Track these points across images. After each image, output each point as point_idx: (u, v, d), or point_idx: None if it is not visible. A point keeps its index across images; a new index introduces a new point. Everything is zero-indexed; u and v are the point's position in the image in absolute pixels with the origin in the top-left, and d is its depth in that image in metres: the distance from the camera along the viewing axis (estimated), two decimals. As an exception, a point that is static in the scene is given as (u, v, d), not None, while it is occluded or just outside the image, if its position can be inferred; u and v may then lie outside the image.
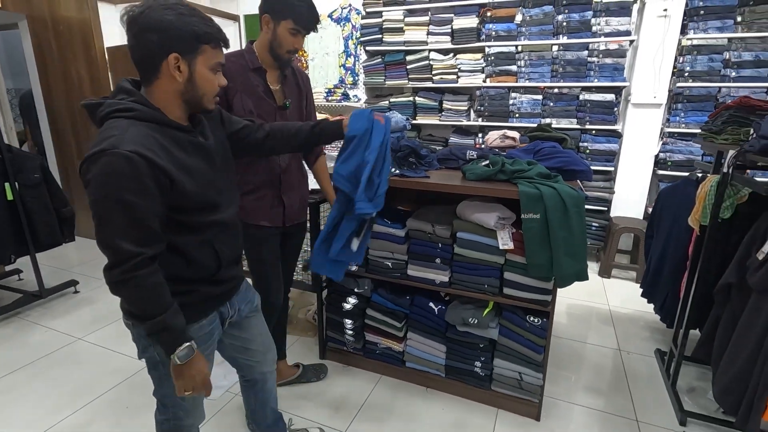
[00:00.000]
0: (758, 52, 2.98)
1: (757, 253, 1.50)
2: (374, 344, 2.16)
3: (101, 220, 0.91)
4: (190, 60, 0.98)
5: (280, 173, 1.69)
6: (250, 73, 1.58)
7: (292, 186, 1.76)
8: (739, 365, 1.53)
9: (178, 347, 1.00)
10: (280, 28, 1.53)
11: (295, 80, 1.73)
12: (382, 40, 3.90)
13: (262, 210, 1.68)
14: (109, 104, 0.97)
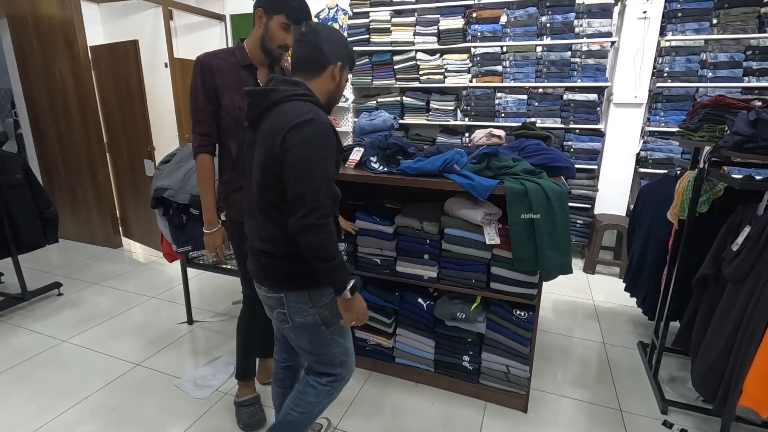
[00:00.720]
0: (733, 54, 3.08)
1: (732, 245, 1.56)
2: (364, 341, 2.17)
3: (305, 174, 1.09)
4: (344, 71, 1.27)
5: None
6: (240, 70, 1.58)
7: None
8: (716, 353, 1.59)
9: (349, 282, 1.17)
10: (272, 23, 1.53)
11: (281, 72, 1.73)
12: (369, 40, 3.93)
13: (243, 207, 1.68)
14: (287, 90, 1.17)
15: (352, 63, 1.31)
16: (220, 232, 1.68)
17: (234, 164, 1.64)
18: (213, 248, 1.70)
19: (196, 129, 1.59)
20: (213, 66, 1.54)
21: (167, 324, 2.63)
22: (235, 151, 1.62)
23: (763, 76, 3.04)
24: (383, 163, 1.98)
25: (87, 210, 4.01)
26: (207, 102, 1.55)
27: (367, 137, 2.45)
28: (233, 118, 1.57)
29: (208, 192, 1.64)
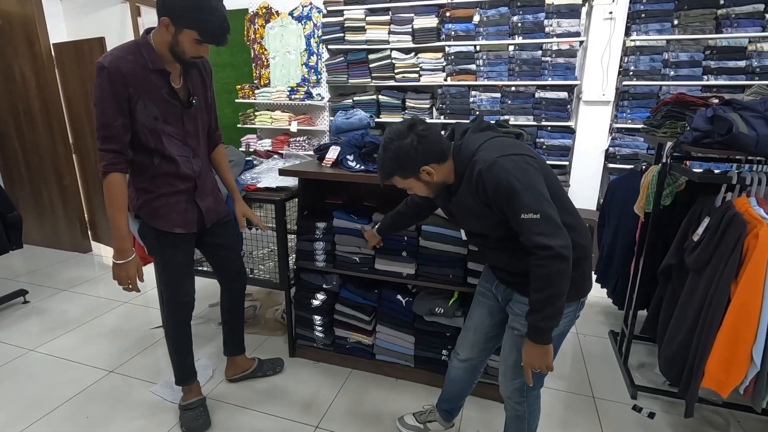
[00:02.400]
0: (693, 53, 3.22)
1: (693, 235, 1.64)
2: (344, 339, 2.18)
3: (539, 204, 1.09)
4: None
5: (195, 177, 1.60)
6: (150, 74, 1.41)
7: (206, 187, 1.68)
8: (680, 339, 1.67)
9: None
10: (182, 36, 1.34)
11: (198, 71, 1.58)
12: (344, 38, 3.92)
13: (176, 215, 1.59)
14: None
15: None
16: (134, 262, 1.49)
17: (156, 173, 1.52)
18: (125, 280, 1.48)
19: (104, 145, 1.39)
20: (124, 73, 1.35)
21: (141, 329, 2.57)
22: (159, 161, 1.50)
23: (720, 74, 3.19)
24: (360, 162, 1.98)
25: (53, 214, 3.86)
26: (119, 115, 1.38)
27: (343, 136, 2.45)
28: (149, 128, 1.44)
29: (120, 216, 1.44)
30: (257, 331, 2.54)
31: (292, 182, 2.18)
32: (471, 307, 1.55)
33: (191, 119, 1.56)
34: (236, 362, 2.08)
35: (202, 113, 1.63)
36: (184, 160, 1.56)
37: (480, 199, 1.16)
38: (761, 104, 1.53)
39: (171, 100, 1.49)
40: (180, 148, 1.54)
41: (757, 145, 1.43)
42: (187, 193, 1.60)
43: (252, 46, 4.35)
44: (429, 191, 1.27)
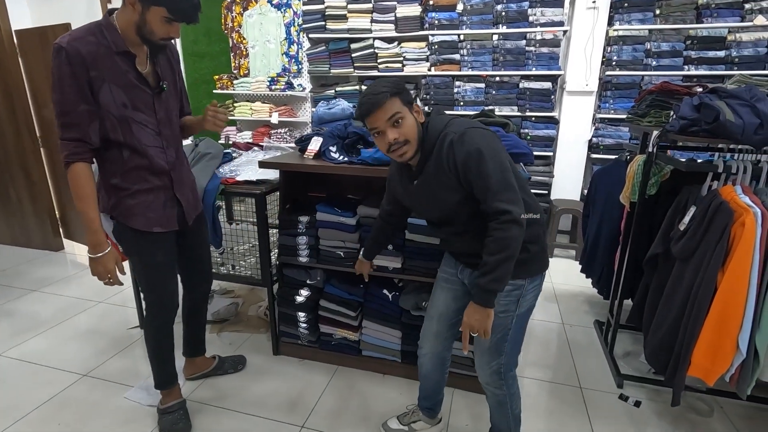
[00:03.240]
0: (674, 43, 3.24)
1: (679, 225, 1.64)
2: (329, 335, 2.13)
3: (502, 172, 1.15)
4: None
5: (170, 170, 1.49)
6: (115, 57, 1.30)
7: (183, 180, 1.57)
8: (666, 328, 1.67)
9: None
10: (150, 15, 1.26)
11: (165, 56, 1.47)
12: (325, 27, 3.82)
13: (154, 213, 1.47)
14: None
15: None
16: (111, 255, 1.41)
17: (126, 167, 1.41)
18: (105, 275, 1.41)
19: (66, 134, 1.29)
20: (84, 54, 1.24)
21: (117, 330, 2.46)
22: (128, 154, 1.39)
23: (701, 64, 3.22)
24: (343, 153, 1.92)
25: (21, 211, 3.68)
26: (81, 100, 1.26)
27: (325, 126, 2.37)
28: (117, 116, 1.33)
29: (90, 208, 1.35)
30: (240, 329, 2.46)
31: (273, 175, 2.10)
32: (432, 296, 1.53)
33: (162, 106, 1.45)
34: (195, 362, 2.02)
35: (173, 100, 1.52)
36: (157, 151, 1.44)
37: (450, 171, 1.19)
38: (747, 92, 1.52)
39: (140, 85, 1.37)
40: (152, 138, 1.43)
41: (743, 134, 1.42)
42: (164, 189, 1.49)
43: (230, 34, 4.20)
44: (414, 136, 1.21)
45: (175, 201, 1.53)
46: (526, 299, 1.32)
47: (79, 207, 1.36)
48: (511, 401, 1.44)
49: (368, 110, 1.17)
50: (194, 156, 2.11)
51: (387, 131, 1.18)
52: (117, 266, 1.44)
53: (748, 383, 1.45)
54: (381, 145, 1.23)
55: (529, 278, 1.30)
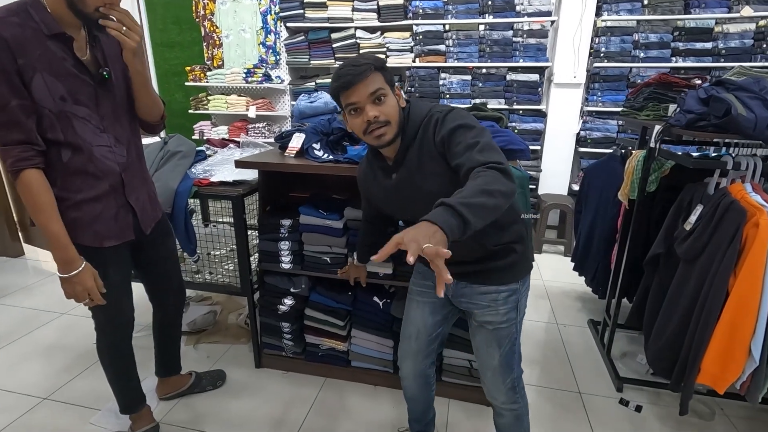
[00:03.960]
0: (662, 34, 3.19)
1: (685, 224, 1.56)
2: (316, 346, 1.99)
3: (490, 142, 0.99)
4: None
5: (121, 172, 1.28)
6: (48, 42, 1.09)
7: (137, 183, 1.36)
8: (670, 332, 1.60)
9: None
10: None
11: (107, 37, 1.23)
12: (304, 15, 3.62)
13: (103, 225, 1.27)
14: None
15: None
16: (87, 271, 1.21)
17: (67, 172, 1.20)
18: (83, 294, 1.22)
19: (6, 137, 1.09)
20: (8, 38, 1.03)
21: (83, 344, 2.26)
22: (69, 156, 1.18)
23: (688, 56, 3.18)
24: (328, 151, 1.77)
25: (-26, 214, 3.38)
26: (12, 94, 1.06)
27: (307, 121, 2.21)
28: (54, 112, 1.12)
29: (52, 221, 1.15)
30: (218, 339, 2.30)
31: (252, 175, 1.94)
32: (406, 313, 1.38)
33: (108, 98, 1.24)
34: (169, 381, 1.85)
35: (122, 91, 1.29)
36: (103, 150, 1.23)
37: (436, 153, 1.06)
38: (755, 84, 1.45)
39: (80, 75, 1.16)
40: (97, 136, 1.22)
41: (755, 128, 1.34)
42: (114, 193, 1.29)
43: (202, 23, 3.95)
44: (396, 118, 1.08)
45: (129, 208, 1.33)
46: (522, 303, 1.23)
47: (38, 221, 1.16)
48: (527, 410, 1.36)
49: (349, 82, 1.03)
50: (163, 155, 1.93)
51: (366, 108, 1.05)
52: (96, 282, 1.24)
53: (761, 390, 1.39)
54: (357, 124, 1.08)
55: (521, 280, 1.20)
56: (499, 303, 1.19)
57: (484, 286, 1.19)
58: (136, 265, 1.50)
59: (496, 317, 1.20)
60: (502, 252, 1.16)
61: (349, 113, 1.09)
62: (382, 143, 1.09)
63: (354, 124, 1.10)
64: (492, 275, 1.18)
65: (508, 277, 1.18)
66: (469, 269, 1.18)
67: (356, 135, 1.13)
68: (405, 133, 1.11)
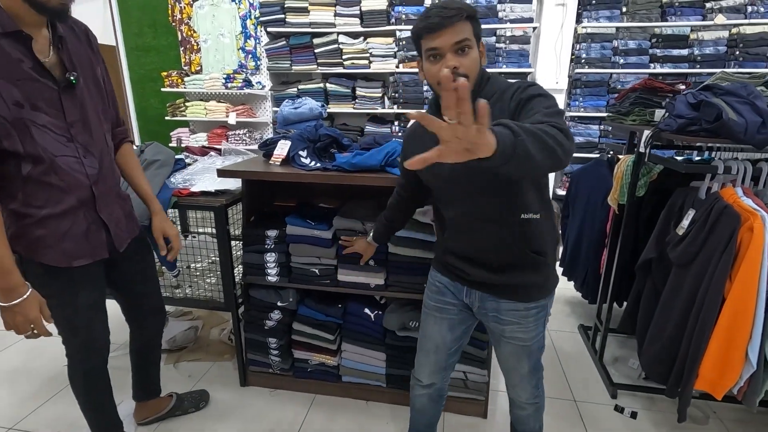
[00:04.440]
0: (640, 41, 3.25)
1: (677, 229, 1.56)
2: (304, 361, 1.91)
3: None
4: None
5: (91, 184, 1.18)
6: (2, 41, 1.00)
7: (110, 197, 1.26)
8: (665, 337, 1.59)
9: None
10: None
11: (75, 37, 1.16)
12: (285, 20, 3.55)
13: (72, 242, 1.17)
14: None
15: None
16: (32, 299, 1.09)
17: (28, 185, 1.09)
18: (26, 326, 1.10)
19: None
20: None
21: (52, 367, 2.11)
22: (29, 168, 1.08)
23: (665, 62, 3.25)
24: (315, 158, 1.71)
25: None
26: None
27: (292, 128, 2.15)
28: (9, 119, 1.02)
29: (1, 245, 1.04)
30: (200, 357, 2.18)
31: (235, 184, 1.85)
32: (423, 327, 1.34)
33: (76, 105, 1.14)
34: (147, 405, 1.73)
35: (94, 97, 1.20)
36: (70, 161, 1.13)
37: (507, 111, 0.98)
38: (743, 89, 1.46)
39: (40, 78, 1.06)
40: (62, 145, 1.11)
41: (746, 133, 1.35)
42: (84, 207, 1.18)
43: (179, 27, 3.84)
44: (475, 74, 1.01)
45: (101, 224, 1.23)
46: (548, 315, 1.22)
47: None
48: (544, 402, 1.36)
49: (437, 25, 0.96)
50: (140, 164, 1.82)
51: (448, 56, 0.98)
52: (42, 312, 1.12)
53: (758, 395, 1.39)
54: (432, 71, 1.01)
55: (549, 296, 1.18)
56: (529, 320, 1.16)
57: (513, 302, 1.15)
58: (110, 284, 1.39)
59: (526, 334, 1.17)
60: (535, 264, 1.12)
61: (427, 58, 1.02)
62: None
63: (429, 71, 1.02)
64: (521, 291, 1.14)
65: (538, 293, 1.15)
66: (499, 280, 1.13)
67: (428, 82, 1.06)
68: (480, 93, 1.05)
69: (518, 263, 1.12)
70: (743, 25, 3.07)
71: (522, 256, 1.10)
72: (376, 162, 1.56)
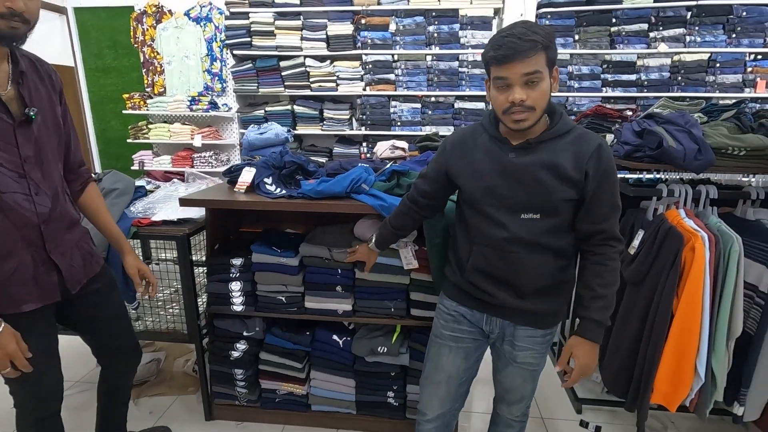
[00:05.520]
0: (592, 67, 3.45)
1: (629, 248, 1.64)
2: (272, 391, 1.87)
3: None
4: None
5: (40, 223, 1.12)
6: None
7: (62, 237, 1.20)
8: (623, 353, 1.66)
9: None
10: None
11: (37, 74, 1.14)
12: (251, 44, 3.56)
13: (19, 287, 1.10)
14: None
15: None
16: (8, 332, 1.04)
17: None
18: (5, 361, 1.04)
19: None
20: None
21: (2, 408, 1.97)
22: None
23: (616, 86, 3.45)
24: (280, 185, 1.71)
25: None
26: None
27: (258, 154, 2.14)
28: None
29: None
30: (163, 391, 2.10)
31: (198, 212, 1.82)
32: (435, 358, 1.32)
33: (31, 141, 1.10)
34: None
35: (50, 134, 1.16)
36: (18, 198, 1.07)
37: (578, 166, 1.03)
38: (681, 118, 1.58)
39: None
40: (12, 181, 1.06)
41: (685, 159, 1.45)
42: (32, 247, 1.12)
43: (141, 49, 3.78)
44: (543, 106, 1.01)
45: (52, 265, 1.17)
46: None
47: None
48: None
49: (509, 57, 0.95)
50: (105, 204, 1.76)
51: (516, 88, 0.97)
52: (20, 346, 1.05)
53: (707, 406, 1.46)
54: (499, 101, 1.00)
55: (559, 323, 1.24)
56: (543, 346, 1.20)
57: (532, 329, 1.18)
58: (69, 324, 1.32)
59: (537, 359, 1.22)
60: (560, 291, 1.17)
61: (495, 85, 1.01)
62: (520, 128, 1.02)
63: (496, 99, 1.02)
64: (543, 317, 1.17)
65: (555, 319, 1.20)
66: (524, 306, 1.14)
67: (493, 108, 1.06)
68: (551, 127, 1.06)
69: (549, 289, 1.13)
70: (683, 53, 3.32)
71: (555, 282, 1.13)
72: (341, 189, 1.58)
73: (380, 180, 1.70)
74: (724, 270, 1.44)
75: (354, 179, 1.60)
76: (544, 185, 1.05)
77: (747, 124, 1.61)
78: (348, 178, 1.61)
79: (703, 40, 3.28)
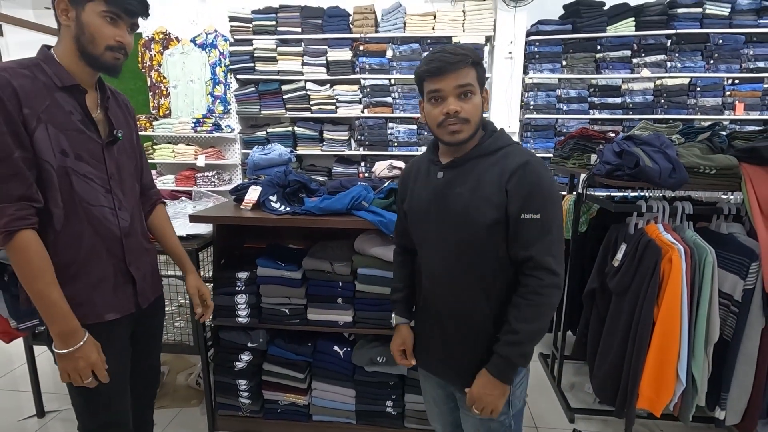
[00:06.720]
0: (580, 90, 3.63)
1: (613, 261, 1.75)
2: (275, 402, 1.93)
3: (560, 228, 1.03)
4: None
5: (122, 237, 1.17)
6: (56, 93, 1.04)
7: (140, 251, 1.24)
8: (610, 361, 1.74)
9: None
10: (86, 16, 1.02)
11: (116, 101, 1.23)
12: (254, 68, 3.74)
13: (103, 295, 1.14)
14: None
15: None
16: (90, 344, 1.06)
17: (60, 236, 1.07)
18: (87, 371, 1.05)
19: (4, 191, 0.98)
20: (16, 87, 0.98)
21: (7, 422, 2.02)
22: (63, 217, 1.06)
23: (603, 109, 3.63)
24: (285, 203, 1.81)
25: None
26: (16, 145, 0.97)
27: (262, 173, 2.25)
28: (55, 167, 1.03)
29: (52, 289, 1.02)
30: (166, 404, 2.15)
31: (206, 228, 1.92)
32: (428, 410, 1.35)
33: (113, 160, 1.16)
34: None
35: (128, 157, 1.23)
36: (105, 211, 1.13)
37: (499, 184, 1.00)
38: (656, 139, 1.70)
39: (86, 131, 1.09)
40: (100, 195, 1.12)
41: (660, 177, 1.57)
42: (114, 259, 1.16)
43: (148, 73, 3.94)
44: (476, 120, 1.02)
45: (129, 277, 1.20)
46: (516, 396, 1.12)
47: (34, 290, 1.01)
48: None
49: (440, 70, 0.97)
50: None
51: (449, 99, 0.99)
52: (100, 355, 1.08)
53: (690, 410, 1.54)
54: (434, 114, 1.02)
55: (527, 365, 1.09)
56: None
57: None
58: (133, 343, 1.31)
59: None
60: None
61: (428, 100, 1.03)
62: (456, 140, 1.02)
63: (430, 114, 1.03)
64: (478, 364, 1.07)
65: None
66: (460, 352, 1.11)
67: (428, 125, 1.07)
68: (479, 144, 1.06)
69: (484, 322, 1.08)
70: (665, 78, 3.50)
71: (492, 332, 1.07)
72: (342, 206, 1.68)
73: (379, 197, 1.81)
74: (700, 279, 1.54)
75: (354, 196, 1.71)
76: (471, 206, 1.02)
77: (718, 145, 1.73)
78: (349, 195, 1.72)
79: (683, 65, 3.48)
